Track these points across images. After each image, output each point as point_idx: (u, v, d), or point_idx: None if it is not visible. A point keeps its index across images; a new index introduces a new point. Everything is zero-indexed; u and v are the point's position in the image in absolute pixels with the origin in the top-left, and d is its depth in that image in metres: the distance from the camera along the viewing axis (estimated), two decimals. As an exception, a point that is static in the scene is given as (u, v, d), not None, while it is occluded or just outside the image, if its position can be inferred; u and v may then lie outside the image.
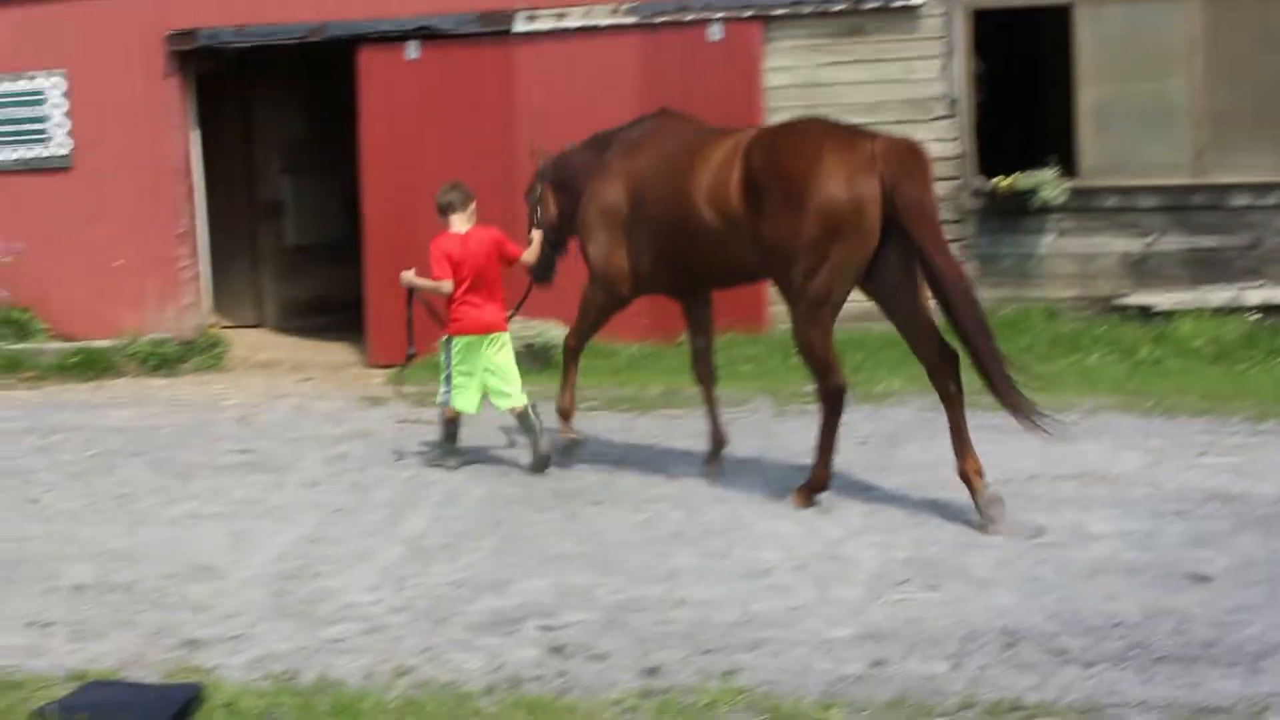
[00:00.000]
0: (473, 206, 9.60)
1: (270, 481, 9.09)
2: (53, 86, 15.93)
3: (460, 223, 9.52)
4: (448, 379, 9.46)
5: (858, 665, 5.55)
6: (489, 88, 14.56)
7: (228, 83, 16.89)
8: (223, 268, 16.60)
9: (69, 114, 15.94)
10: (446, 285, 9.37)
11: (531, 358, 13.14)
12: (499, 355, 9.51)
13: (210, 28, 15.18)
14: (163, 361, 14.72)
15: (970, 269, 13.90)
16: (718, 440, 9.15)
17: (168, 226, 15.51)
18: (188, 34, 15.24)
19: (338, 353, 15.69)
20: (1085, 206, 14.04)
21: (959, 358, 7.87)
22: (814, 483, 8.12)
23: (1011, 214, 14.11)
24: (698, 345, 9.35)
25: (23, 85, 16.04)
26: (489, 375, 9.44)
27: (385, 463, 9.59)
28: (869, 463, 9.05)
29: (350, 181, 15.51)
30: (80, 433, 11.23)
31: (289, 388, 13.50)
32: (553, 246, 9.97)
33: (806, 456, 9.08)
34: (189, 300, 15.56)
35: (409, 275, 9.59)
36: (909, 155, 7.74)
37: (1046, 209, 14.00)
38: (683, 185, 8.43)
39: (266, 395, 13.03)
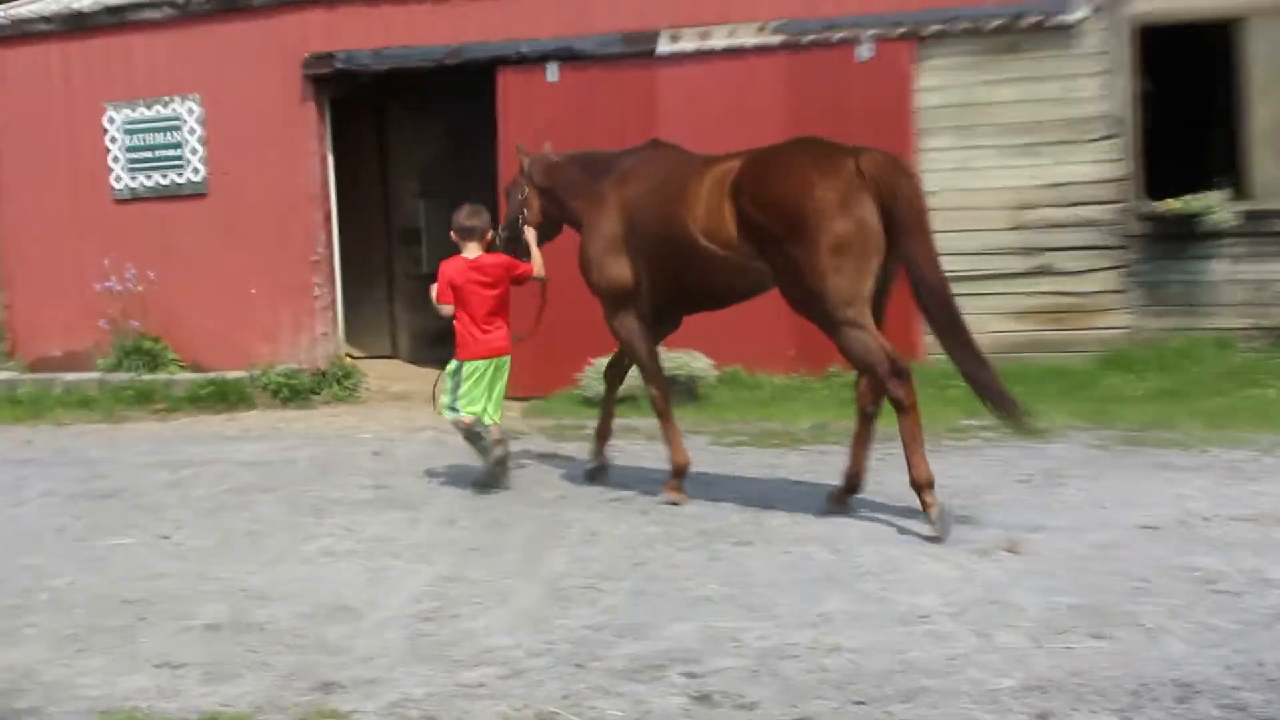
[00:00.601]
0: (490, 235, 10.26)
1: (406, 518, 9.20)
2: (188, 111, 16.34)
3: (473, 250, 10.13)
4: (454, 400, 10.02)
5: (1021, 718, 5.48)
6: (630, 111, 14.67)
7: (364, 106, 17.22)
8: (356, 296, 16.91)
9: (204, 139, 16.34)
10: (445, 310, 10.09)
11: (675, 390, 13.15)
12: (502, 379, 10.20)
13: (347, 51, 15.48)
14: (295, 393, 14.99)
15: (1134, 296, 13.72)
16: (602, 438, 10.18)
17: (302, 254, 15.82)
18: (324, 57, 15.56)
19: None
20: (1258, 230, 13.77)
21: (910, 371, 8.29)
22: (919, 484, 8.23)
23: (1179, 239, 13.89)
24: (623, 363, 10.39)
25: (158, 110, 16.47)
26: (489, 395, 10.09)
27: (523, 499, 9.67)
28: (1030, 501, 8.94)
29: (488, 207, 15.67)
30: (212, 467, 11.49)
31: (424, 421, 13.67)
32: (522, 249, 10.49)
33: (964, 495, 9.02)
34: (323, 330, 15.85)
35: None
36: (895, 169, 8.23)
37: (1217, 233, 13.76)
38: (679, 216, 8.91)
39: (401, 428, 13.22)
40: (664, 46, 14.59)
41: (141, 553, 8.56)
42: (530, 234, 10.39)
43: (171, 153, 16.46)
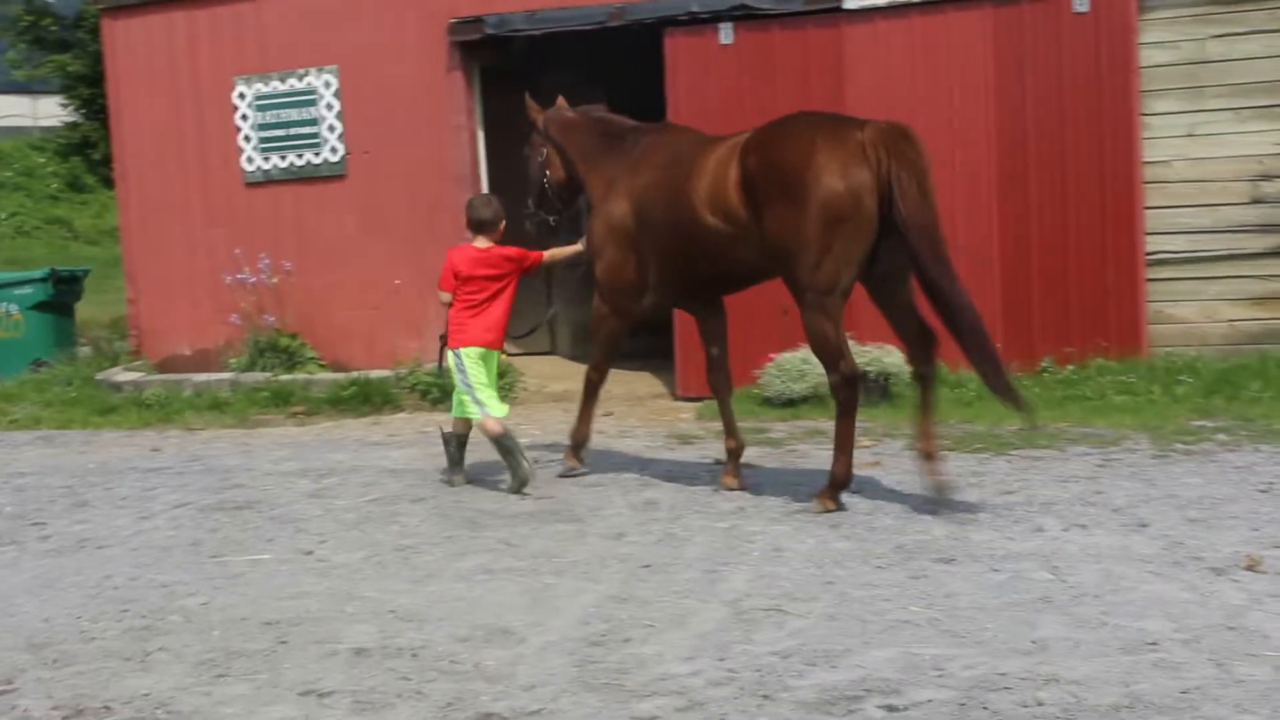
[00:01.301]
0: (502, 226, 11.15)
1: (571, 532, 9.33)
2: (325, 85, 16.65)
3: (483, 241, 11.11)
4: (470, 391, 10.89)
5: (1267, 760, 5.43)
6: (815, 76, 14.66)
7: (516, 76, 17.38)
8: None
9: (341, 115, 16.63)
10: (444, 297, 11.06)
11: (864, 389, 13.15)
12: (495, 373, 11.20)
13: (497, 14, 15.65)
14: (445, 394, 15.16)
15: None
16: (734, 448, 10.61)
17: (451, 240, 16.00)
18: (473, 22, 15.75)
19: (642, 383, 15.99)
20: None
21: (935, 340, 9.48)
22: (835, 480, 9.51)
23: None
24: (712, 354, 10.92)
25: (292, 84, 16.81)
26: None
27: (700, 510, 9.74)
28: (1273, 514, 8.81)
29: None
30: (357, 475, 11.74)
31: (587, 424, 13.83)
32: (552, 210, 11.69)
33: (1198, 506, 8.93)
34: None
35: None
36: (900, 139, 9.07)
37: None
38: (685, 194, 9.93)
39: (562, 432, 13.33)
40: (851, 2, 14.55)
41: (281, 570, 8.77)
42: (579, 244, 11.41)
43: (307, 130, 16.79)
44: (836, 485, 9.51)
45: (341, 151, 16.68)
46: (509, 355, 16.40)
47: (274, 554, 9.18)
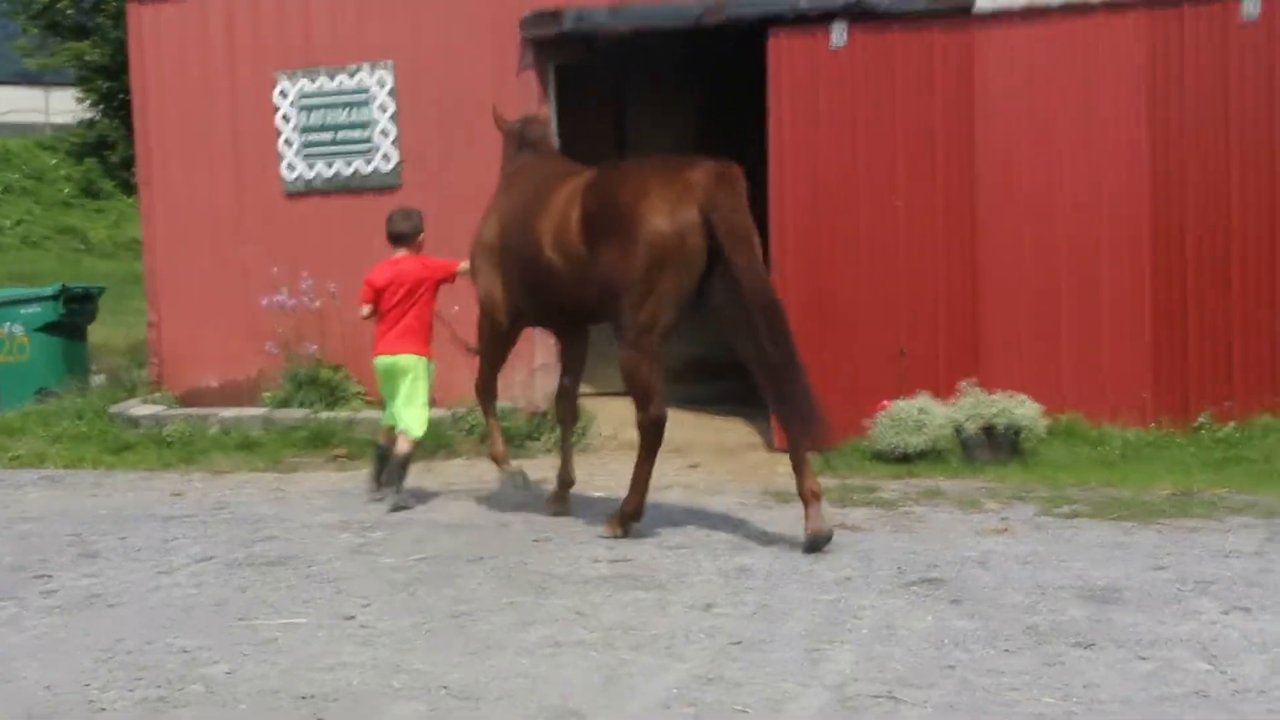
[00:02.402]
0: (420, 238, 13.20)
1: (651, 601, 9.30)
2: (379, 83, 16.77)
3: (402, 253, 13.10)
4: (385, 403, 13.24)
5: None
6: (939, 86, 14.65)
7: (597, 78, 17.43)
8: (585, 318, 17.12)
9: (396, 118, 16.75)
10: (363, 310, 13.12)
11: (992, 444, 13.13)
12: (410, 383, 12.97)
13: (577, 7, 15.71)
14: (509, 437, 15.23)
15: None
16: (564, 481, 12.43)
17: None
18: (550, 15, 15.82)
19: (732, 431, 15.98)
20: None
21: (664, 420, 11.17)
22: (626, 510, 11.21)
23: None
24: (564, 383, 12.62)
25: (342, 81, 16.95)
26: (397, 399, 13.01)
27: (800, 580, 9.73)
28: None
29: (753, 205, 15.80)
30: (406, 530, 11.79)
31: (670, 476, 13.84)
32: None
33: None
34: (542, 360, 16.11)
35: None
36: (720, 180, 10.61)
37: None
38: (534, 229, 11.49)
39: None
40: (984, 1, 14.54)
41: (318, 636, 8.78)
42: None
43: (357, 135, 16.92)
44: (626, 515, 11.25)
45: (395, 159, 16.80)
46: (582, 394, 16.45)
47: (310, 618, 9.19)
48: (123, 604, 9.65)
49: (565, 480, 12.46)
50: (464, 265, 12.92)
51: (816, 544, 10.47)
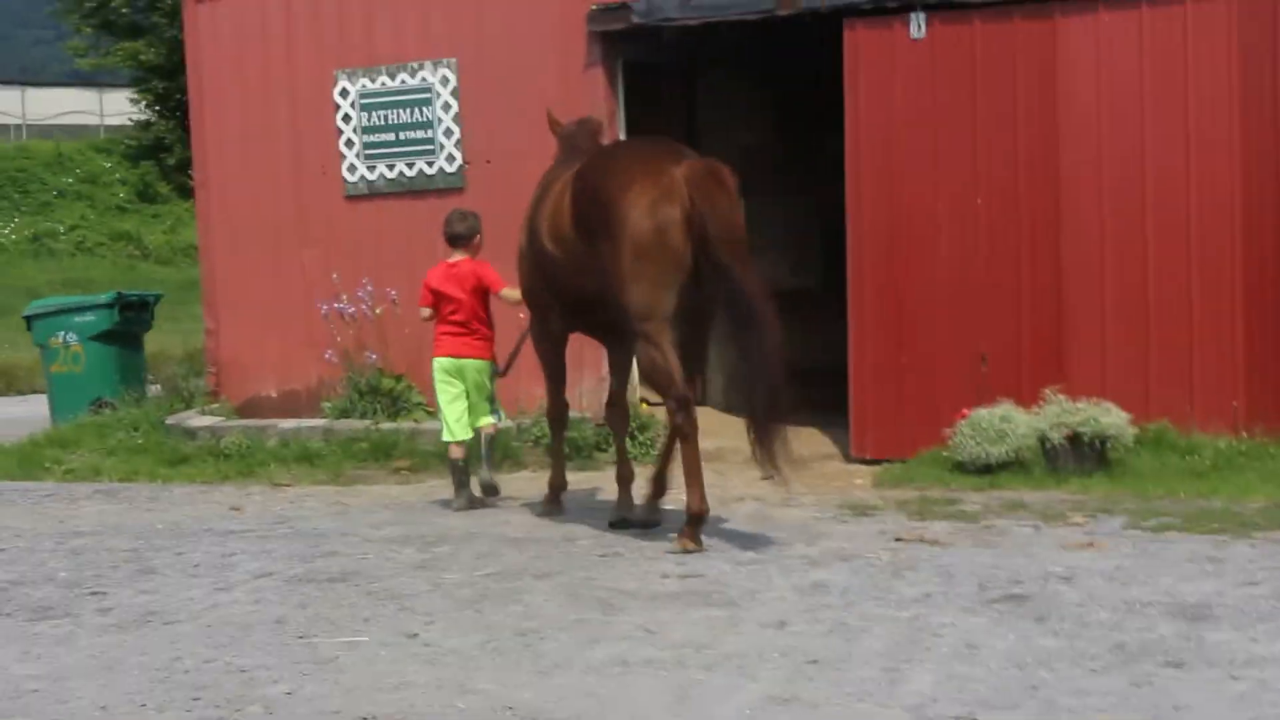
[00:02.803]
0: (477, 240, 13.65)
1: (723, 618, 9.30)
2: (441, 81, 16.84)
3: (457, 255, 13.58)
4: (439, 410, 13.78)
5: None
6: (1022, 78, 14.57)
7: (666, 74, 17.45)
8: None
9: (460, 117, 16.81)
10: (422, 313, 13.74)
11: (1077, 454, 13.09)
12: (474, 386, 13.63)
13: (646, 0, 15.72)
14: (576, 449, 15.25)
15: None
16: (623, 477, 12.74)
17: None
18: (618, 9, 15.87)
19: (808, 441, 15.94)
20: None
21: (692, 401, 11.47)
22: (692, 510, 11.29)
23: None
24: (612, 389, 13.03)
25: (404, 80, 17.04)
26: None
27: (878, 596, 9.72)
28: None
29: (830, 206, 15.79)
30: (471, 545, 11.84)
31: (741, 488, 13.89)
32: None
33: None
34: (607, 368, 16.12)
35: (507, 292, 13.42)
36: (706, 178, 11.14)
37: None
38: (537, 222, 12.27)
39: (713, 498, 13.34)
40: (1069, -11, 14.48)
41: (381, 655, 8.82)
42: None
43: (420, 135, 17.00)
44: (694, 521, 11.33)
45: (459, 160, 16.87)
46: (650, 405, 16.47)
47: (372, 636, 9.23)
48: (180, 621, 9.72)
49: (624, 476, 12.75)
50: (507, 292, 13.38)
51: None
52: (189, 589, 10.66)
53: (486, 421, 13.73)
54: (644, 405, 16.45)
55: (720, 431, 16.42)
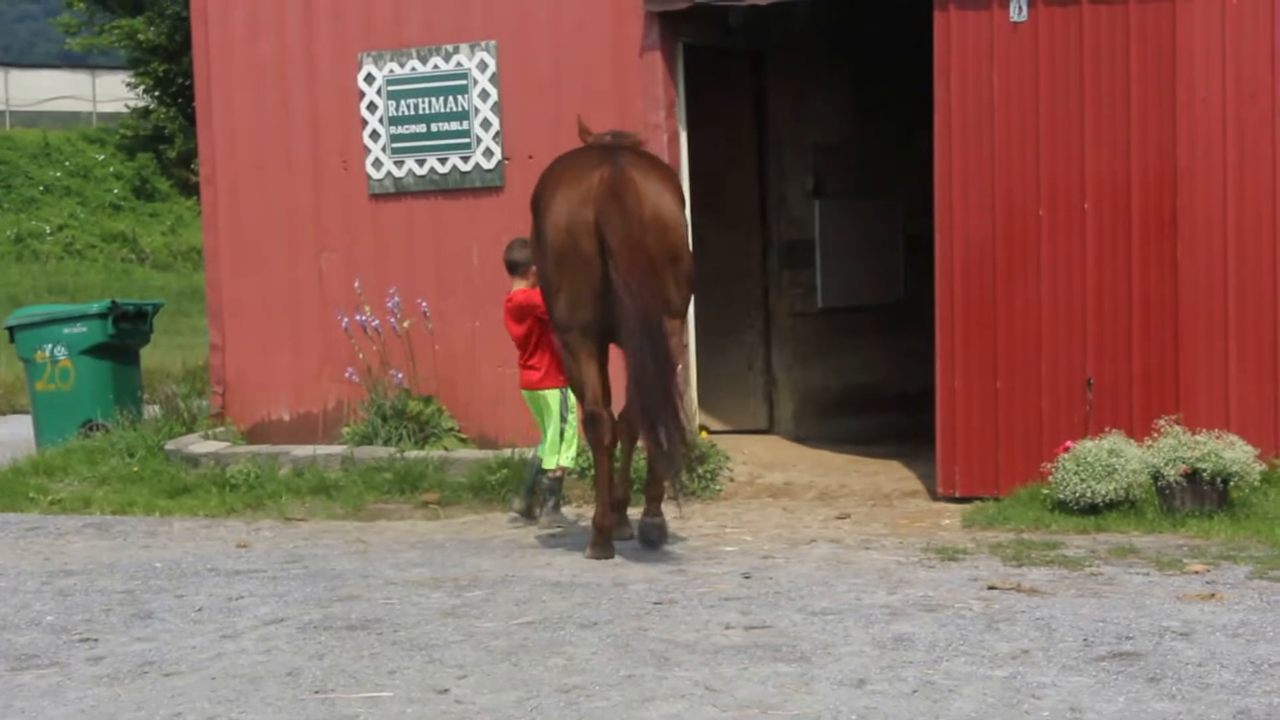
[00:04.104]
0: (533, 270, 13.99)
1: (794, 675, 9.28)
2: (479, 66, 16.87)
3: (517, 284, 14.46)
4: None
5: None
6: (1136, 65, 14.53)
7: (732, 59, 17.48)
8: (717, 342, 17.12)
9: (499, 107, 16.84)
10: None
11: (1195, 493, 13.05)
12: (543, 416, 14.46)
13: (711, -24, 15.75)
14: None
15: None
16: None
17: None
18: (679, -14, 15.87)
19: (889, 476, 15.98)
20: None
21: (603, 418, 13.04)
22: (595, 526, 13.00)
23: None
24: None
25: (436, 65, 17.09)
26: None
27: (968, 652, 9.71)
28: None
29: (918, 210, 15.79)
30: (508, 589, 11.86)
31: (816, 529, 13.90)
32: None
33: None
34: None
35: None
36: (611, 188, 12.51)
37: None
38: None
39: (782, 539, 13.41)
40: (1189, -33, 14.45)
41: (407, 712, 8.84)
42: None
43: (455, 126, 17.03)
44: (596, 530, 13.03)
45: (498, 155, 16.90)
46: (710, 433, 16.50)
47: (397, 691, 9.25)
48: (180, 673, 9.75)
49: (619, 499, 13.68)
50: None
51: (646, 535, 13.19)
52: (191, 636, 10.70)
53: (550, 463, 14.52)
54: (704, 433, 16.48)
55: (792, 463, 16.50)
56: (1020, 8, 14.82)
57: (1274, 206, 14.15)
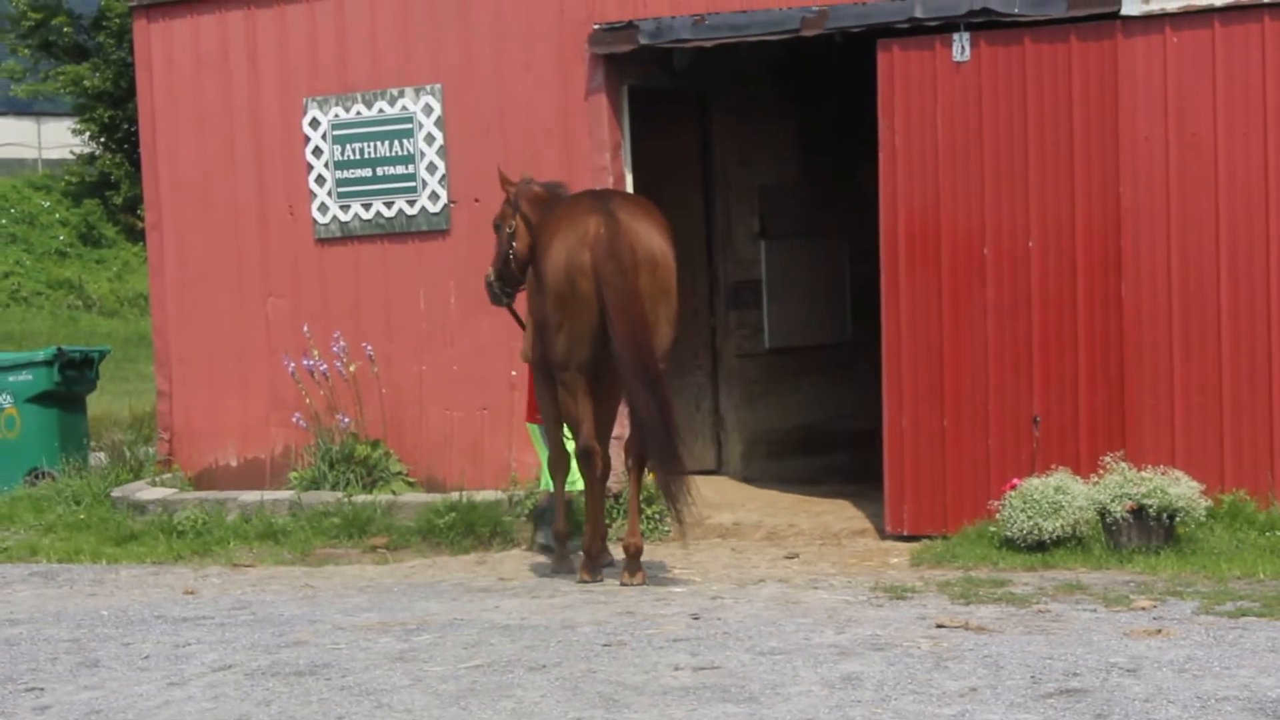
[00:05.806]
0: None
1: (743, 715, 9.28)
2: (424, 110, 16.89)
3: None
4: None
5: None
6: (1079, 105, 14.59)
7: (677, 102, 17.52)
8: (665, 382, 17.17)
9: (445, 151, 16.85)
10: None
11: (1142, 529, 13.10)
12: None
13: (655, 19, 15.80)
14: (575, 525, 15.29)
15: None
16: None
17: (585, 320, 16.18)
18: (623, 29, 15.93)
19: (837, 514, 16.02)
20: None
21: (594, 453, 13.77)
22: (584, 551, 13.89)
23: None
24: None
25: (382, 109, 17.10)
26: None
27: (917, 691, 9.72)
28: None
29: (865, 250, 15.84)
30: (457, 632, 11.84)
31: (764, 569, 13.93)
32: (512, 282, 14.61)
33: None
34: (614, 433, 16.13)
35: None
36: (606, 239, 13.05)
37: None
38: None
39: (731, 579, 13.43)
40: (1132, 6, 14.46)
41: (358, 757, 8.88)
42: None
43: (400, 170, 17.04)
44: (585, 555, 13.96)
45: (444, 199, 16.90)
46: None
47: (345, 736, 9.27)
48: (128, 722, 9.73)
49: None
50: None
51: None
52: (138, 684, 10.66)
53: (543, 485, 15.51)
54: (651, 475, 16.46)
55: (740, 503, 16.53)
56: (963, 47, 14.89)
57: (1217, 244, 14.21)
